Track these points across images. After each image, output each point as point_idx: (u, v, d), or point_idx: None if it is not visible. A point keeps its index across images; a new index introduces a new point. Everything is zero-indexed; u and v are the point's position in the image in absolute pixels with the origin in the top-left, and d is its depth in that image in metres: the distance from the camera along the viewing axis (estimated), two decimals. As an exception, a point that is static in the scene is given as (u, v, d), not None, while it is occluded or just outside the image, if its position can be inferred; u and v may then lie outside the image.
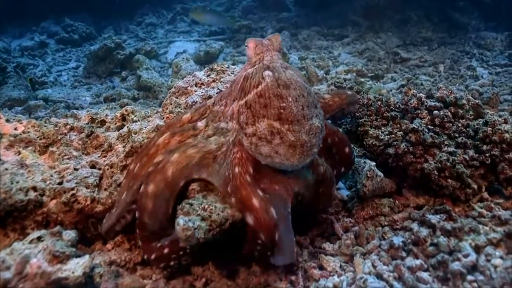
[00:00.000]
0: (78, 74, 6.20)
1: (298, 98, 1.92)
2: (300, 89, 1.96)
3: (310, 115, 1.94)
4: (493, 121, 2.67)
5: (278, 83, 1.94)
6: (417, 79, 5.10)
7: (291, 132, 1.89)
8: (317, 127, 1.96)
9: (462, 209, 2.52)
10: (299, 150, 1.91)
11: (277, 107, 1.90)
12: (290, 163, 1.93)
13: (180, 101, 2.87)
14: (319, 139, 1.98)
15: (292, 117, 1.89)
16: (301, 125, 1.91)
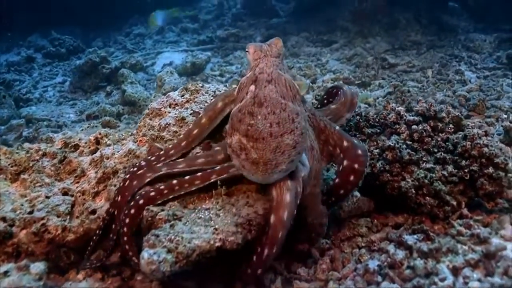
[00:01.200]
0: (64, 89, 6.16)
1: (267, 116, 1.94)
2: (273, 106, 1.97)
3: (280, 132, 1.94)
4: (472, 135, 2.61)
5: (254, 100, 1.99)
6: (405, 85, 5.04)
7: (255, 149, 1.94)
8: (287, 144, 1.94)
9: (442, 226, 2.46)
10: (262, 168, 1.95)
11: (247, 124, 1.96)
12: (255, 178, 2.02)
13: (153, 123, 2.82)
14: (290, 156, 1.96)
15: (257, 135, 1.93)
16: (267, 143, 1.93)
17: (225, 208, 2.17)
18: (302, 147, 2.03)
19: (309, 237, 2.34)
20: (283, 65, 2.22)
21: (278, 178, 2.00)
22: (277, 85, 2.05)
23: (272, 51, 2.18)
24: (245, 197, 2.24)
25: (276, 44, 2.22)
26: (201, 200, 2.25)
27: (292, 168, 2.04)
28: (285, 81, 2.10)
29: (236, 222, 2.06)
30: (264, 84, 2.04)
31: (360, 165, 2.23)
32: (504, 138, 3.53)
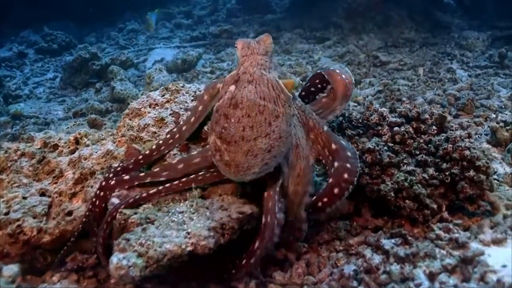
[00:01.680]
0: (55, 85, 6.12)
1: (241, 119, 1.94)
2: (248, 109, 1.95)
3: (254, 136, 1.94)
4: (454, 137, 2.58)
5: (231, 101, 1.99)
6: (395, 83, 5.00)
7: (227, 152, 1.96)
8: (260, 148, 1.94)
9: (422, 230, 2.42)
10: (234, 170, 1.98)
11: (221, 126, 1.98)
12: (230, 177, 2.07)
13: (133, 124, 2.79)
14: (263, 160, 1.97)
15: (229, 138, 1.94)
16: (238, 146, 1.93)
17: (199, 211, 2.14)
18: (279, 151, 2.01)
19: (286, 240, 2.30)
20: (271, 62, 2.18)
21: (253, 178, 2.03)
22: (257, 85, 2.02)
23: (260, 49, 2.15)
24: (220, 200, 2.22)
25: (265, 41, 2.19)
26: (176, 202, 2.23)
27: (268, 170, 2.04)
28: (267, 81, 2.06)
29: (209, 226, 2.03)
30: (244, 85, 2.02)
31: (352, 166, 2.21)
32: (490, 139, 3.50)
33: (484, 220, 2.46)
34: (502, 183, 2.90)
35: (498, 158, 3.26)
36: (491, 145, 3.47)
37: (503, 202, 2.64)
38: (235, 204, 2.17)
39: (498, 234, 2.31)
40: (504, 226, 2.39)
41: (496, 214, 2.52)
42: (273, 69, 2.18)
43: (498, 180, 2.94)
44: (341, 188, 2.18)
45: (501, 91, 4.61)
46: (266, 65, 2.13)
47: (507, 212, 2.54)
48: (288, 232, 2.26)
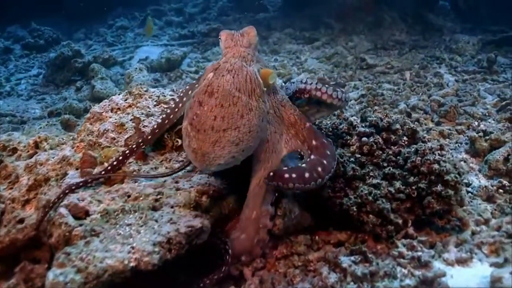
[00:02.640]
0: (38, 82, 6.01)
1: (213, 108, 1.89)
2: (222, 99, 1.91)
3: (223, 127, 1.89)
4: (423, 150, 2.47)
5: (207, 88, 1.94)
6: (380, 88, 4.90)
7: (196, 139, 1.92)
8: (228, 140, 1.90)
9: (386, 246, 2.32)
10: (200, 158, 1.93)
11: (194, 113, 1.93)
12: (196, 165, 2.04)
13: (93, 128, 2.69)
14: (230, 152, 1.92)
15: (199, 125, 1.90)
16: (207, 136, 1.89)
17: (147, 224, 2.05)
18: (248, 146, 1.96)
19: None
20: (254, 55, 2.15)
21: (216, 169, 2.00)
22: (235, 76, 1.99)
23: (243, 41, 2.15)
24: (170, 212, 2.13)
25: (249, 34, 2.18)
26: (126, 214, 2.13)
27: (234, 163, 1.99)
28: (246, 73, 2.02)
29: (154, 240, 1.94)
30: (222, 73, 1.99)
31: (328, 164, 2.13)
32: (469, 149, 3.40)
33: (451, 237, 2.36)
34: (476, 196, 2.81)
35: (475, 170, 3.17)
36: (470, 155, 3.36)
37: (473, 217, 2.54)
38: (186, 218, 2.08)
39: (463, 253, 2.22)
40: (470, 244, 2.29)
41: (464, 230, 2.43)
42: (255, 62, 2.15)
43: (472, 193, 2.84)
44: (311, 176, 2.08)
45: (487, 98, 4.50)
46: (248, 58, 2.11)
47: (476, 228, 2.45)
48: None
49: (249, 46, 2.15)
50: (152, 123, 2.62)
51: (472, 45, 6.03)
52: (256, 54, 2.20)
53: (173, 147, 2.54)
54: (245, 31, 2.20)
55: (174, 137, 2.55)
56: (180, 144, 2.54)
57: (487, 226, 2.50)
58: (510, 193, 2.81)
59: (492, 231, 2.42)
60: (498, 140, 3.28)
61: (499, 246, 2.25)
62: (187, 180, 2.34)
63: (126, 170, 2.36)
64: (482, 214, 2.58)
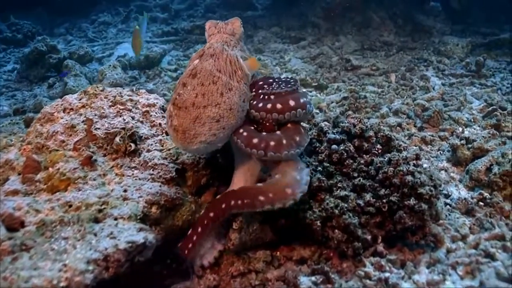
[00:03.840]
0: (12, 78, 5.78)
1: (195, 87, 1.94)
2: (204, 78, 1.96)
3: (204, 104, 1.92)
4: (396, 160, 2.28)
5: (191, 72, 1.99)
6: (363, 90, 4.71)
7: (177, 117, 1.94)
8: (208, 116, 1.91)
9: (352, 264, 2.13)
10: (181, 136, 1.93)
11: (177, 93, 1.97)
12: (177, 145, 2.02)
13: (43, 130, 2.48)
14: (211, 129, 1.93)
15: (181, 103, 1.93)
16: (188, 112, 1.91)
17: (85, 238, 1.86)
18: (229, 123, 1.96)
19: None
20: (237, 43, 2.21)
21: (199, 149, 1.97)
22: (217, 59, 2.03)
23: (227, 28, 2.21)
24: (113, 225, 1.93)
25: (233, 23, 2.24)
26: (64, 226, 1.93)
27: (215, 143, 1.98)
28: (227, 56, 2.07)
29: (89, 257, 1.74)
30: (206, 58, 2.03)
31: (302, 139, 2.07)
32: (451, 157, 3.21)
33: (423, 256, 2.18)
34: (454, 209, 2.63)
35: (456, 180, 2.98)
36: (451, 164, 3.18)
37: (450, 233, 2.37)
38: (128, 231, 1.88)
39: (434, 275, 2.03)
40: (444, 265, 2.11)
41: (438, 248, 2.24)
42: (238, 49, 2.20)
43: (450, 205, 2.66)
44: (288, 143, 2.00)
45: (474, 103, 4.32)
46: (231, 43, 2.16)
47: (452, 246, 2.27)
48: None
49: (232, 34, 2.20)
50: (105, 125, 2.41)
51: (461, 48, 5.85)
52: (240, 44, 2.25)
53: (125, 152, 2.34)
54: (230, 21, 2.26)
55: (128, 141, 2.35)
56: (133, 149, 2.35)
57: (464, 243, 2.32)
58: (490, 206, 2.63)
59: (469, 249, 2.25)
60: (481, 149, 3.11)
61: (476, 267, 2.07)
62: (136, 189, 2.14)
63: (71, 177, 2.16)
64: (460, 229, 2.40)
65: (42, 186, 2.17)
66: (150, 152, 2.38)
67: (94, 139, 2.37)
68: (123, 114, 2.51)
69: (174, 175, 2.29)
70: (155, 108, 2.63)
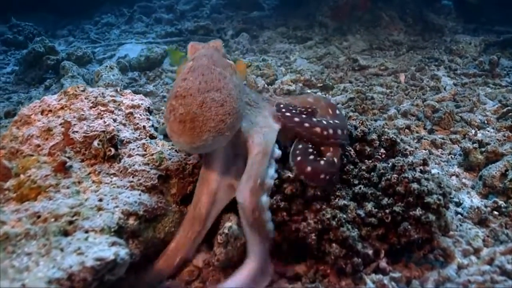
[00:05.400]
0: (10, 80, 5.64)
1: (197, 77, 1.91)
2: (202, 69, 1.95)
3: (207, 88, 1.87)
4: (401, 166, 2.07)
5: (189, 70, 1.96)
6: (371, 91, 4.48)
7: (182, 105, 1.84)
8: (213, 99, 1.84)
9: (352, 281, 1.92)
10: (189, 125, 1.80)
11: (179, 86, 1.90)
12: (184, 141, 1.83)
13: (19, 133, 2.30)
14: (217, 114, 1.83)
15: (185, 92, 1.86)
16: (193, 98, 1.84)
17: (50, 253, 1.66)
18: (232, 108, 1.88)
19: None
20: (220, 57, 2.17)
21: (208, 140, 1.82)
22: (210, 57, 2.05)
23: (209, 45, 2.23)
24: (82, 239, 1.73)
25: (215, 43, 2.28)
26: (30, 239, 1.74)
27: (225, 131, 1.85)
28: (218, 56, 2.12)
29: (51, 277, 1.54)
30: (200, 58, 2.04)
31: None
32: (463, 162, 2.98)
33: (431, 273, 1.95)
34: (466, 219, 2.40)
35: (468, 186, 2.75)
36: (463, 169, 2.95)
37: (461, 246, 2.14)
38: (98, 246, 1.68)
39: (443, 296, 1.81)
40: (454, 283, 1.88)
41: (448, 263, 2.02)
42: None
43: (461, 214, 2.43)
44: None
45: (487, 104, 4.08)
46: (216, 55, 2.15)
47: (463, 261, 2.04)
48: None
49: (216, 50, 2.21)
50: (84, 128, 2.23)
51: (474, 46, 5.60)
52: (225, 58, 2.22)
53: (105, 157, 2.15)
54: (211, 42, 2.29)
55: (107, 145, 2.16)
56: (113, 154, 2.16)
57: (477, 257, 2.09)
58: (506, 216, 2.40)
59: (483, 264, 2.02)
60: (495, 153, 2.87)
61: (490, 287, 1.84)
62: (113, 198, 1.95)
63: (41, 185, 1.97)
64: (472, 242, 2.18)
65: (11, 194, 1.98)
66: (132, 157, 2.18)
67: (71, 143, 2.19)
68: (104, 116, 2.32)
69: (156, 182, 2.10)
70: (139, 110, 2.44)
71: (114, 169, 2.13)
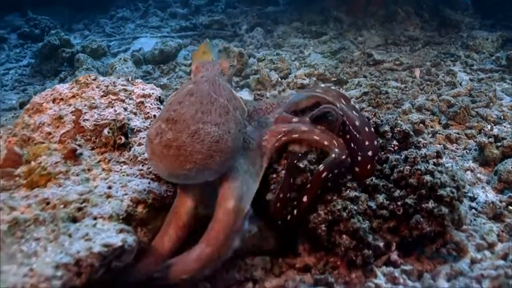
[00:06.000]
0: (26, 73, 5.70)
1: (193, 103, 1.76)
2: (202, 97, 1.80)
3: (203, 120, 1.71)
4: (414, 158, 2.03)
5: (188, 92, 1.83)
6: (385, 85, 4.43)
7: (171, 130, 1.68)
8: (208, 133, 1.68)
9: (362, 274, 1.89)
10: (173, 153, 1.64)
11: (172, 109, 1.75)
12: (163, 167, 1.69)
13: (31, 121, 2.31)
14: (210, 149, 1.67)
15: (178, 117, 1.71)
16: (186, 125, 1.68)
17: (58, 239, 1.66)
18: (227, 147, 1.72)
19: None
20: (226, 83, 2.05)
21: (191, 172, 1.66)
22: (212, 84, 1.91)
23: (214, 68, 2.10)
24: (90, 225, 1.73)
25: (222, 63, 2.16)
26: (39, 225, 1.74)
27: (210, 167, 1.70)
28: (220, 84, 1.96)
29: (58, 262, 1.54)
30: (201, 82, 1.91)
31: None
32: (478, 157, 2.93)
33: (443, 267, 1.92)
34: (480, 213, 2.36)
35: (483, 181, 2.70)
36: (478, 163, 2.89)
37: (475, 240, 2.10)
38: (106, 233, 1.68)
39: (455, 290, 1.77)
40: (467, 277, 1.84)
41: (461, 258, 1.98)
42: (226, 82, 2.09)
43: (476, 209, 2.39)
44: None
45: (504, 99, 4.01)
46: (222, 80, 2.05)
47: (477, 256, 2.00)
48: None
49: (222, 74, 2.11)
50: (94, 116, 2.23)
51: (491, 42, 5.50)
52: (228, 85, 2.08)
53: (115, 146, 2.15)
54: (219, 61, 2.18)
55: (117, 134, 2.15)
56: (123, 143, 2.15)
57: (491, 252, 2.05)
58: (522, 211, 2.35)
59: (497, 259, 1.97)
60: (511, 148, 2.81)
61: (505, 281, 1.80)
62: (122, 186, 1.95)
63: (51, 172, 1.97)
64: (486, 236, 2.13)
65: (21, 181, 1.99)
66: (142, 146, 2.18)
67: (82, 131, 2.19)
68: (115, 105, 2.32)
69: (166, 171, 2.09)
70: (150, 99, 2.44)
71: (124, 157, 2.13)
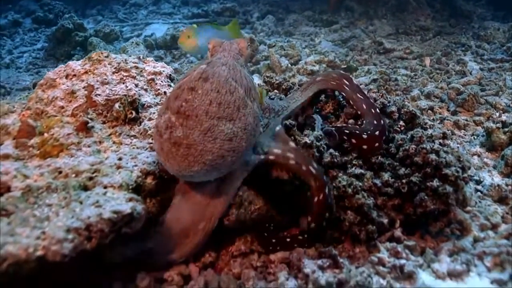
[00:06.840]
0: (40, 56, 5.77)
1: (209, 92, 1.62)
2: (219, 84, 1.65)
3: (218, 115, 1.60)
4: (419, 137, 2.05)
5: (201, 75, 1.67)
6: (395, 73, 4.44)
7: (182, 126, 1.58)
8: (222, 131, 1.59)
9: (366, 249, 1.92)
10: (182, 151, 1.58)
11: (183, 100, 1.62)
12: (170, 166, 1.65)
13: (44, 96, 2.36)
14: (221, 148, 1.60)
15: (190, 111, 1.58)
16: (199, 122, 1.58)
17: (70, 205, 1.71)
18: (241, 145, 1.65)
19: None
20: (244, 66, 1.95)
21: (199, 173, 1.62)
22: (231, 68, 1.75)
23: (232, 47, 1.95)
24: (100, 193, 1.77)
25: (239, 43, 2.00)
26: (51, 192, 1.79)
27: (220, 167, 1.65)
28: (240, 70, 1.80)
29: (69, 226, 1.59)
30: (217, 64, 1.74)
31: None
32: (485, 142, 2.94)
33: (446, 243, 1.94)
34: (485, 196, 2.37)
35: (490, 165, 2.71)
36: (485, 149, 2.90)
37: (479, 221, 2.12)
38: (116, 201, 1.72)
39: (457, 265, 1.80)
40: (469, 254, 1.87)
41: (465, 236, 2.00)
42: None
43: (481, 192, 2.40)
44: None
45: (514, 88, 4.00)
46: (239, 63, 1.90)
47: (480, 235, 2.02)
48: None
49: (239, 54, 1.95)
50: (106, 91, 2.27)
51: (502, 32, 5.47)
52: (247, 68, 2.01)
53: (125, 120, 2.19)
54: (236, 40, 2.01)
55: (128, 108, 2.20)
56: (134, 117, 2.20)
57: (495, 232, 2.07)
58: (527, 195, 2.36)
59: (500, 239, 1.99)
60: (519, 133, 2.82)
61: (506, 258, 1.82)
62: (132, 158, 1.99)
63: (64, 143, 2.02)
64: (490, 217, 2.15)
65: (35, 151, 2.04)
66: (152, 120, 2.22)
67: (94, 106, 2.24)
68: (126, 81, 2.36)
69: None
70: (161, 76, 2.48)
71: (134, 131, 2.18)
